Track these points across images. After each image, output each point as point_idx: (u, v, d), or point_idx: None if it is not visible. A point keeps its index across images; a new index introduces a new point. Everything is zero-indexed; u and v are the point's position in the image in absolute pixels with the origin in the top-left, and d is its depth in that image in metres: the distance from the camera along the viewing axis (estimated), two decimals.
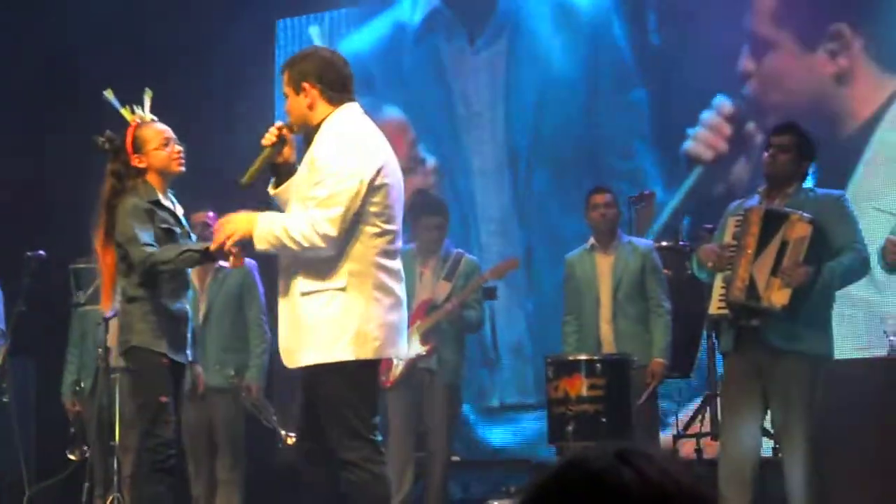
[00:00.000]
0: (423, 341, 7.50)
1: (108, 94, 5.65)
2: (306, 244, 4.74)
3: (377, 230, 4.83)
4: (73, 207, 8.59)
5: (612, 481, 1.41)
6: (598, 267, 7.37)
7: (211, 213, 7.75)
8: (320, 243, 4.72)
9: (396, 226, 4.92)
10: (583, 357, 6.94)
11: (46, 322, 8.18)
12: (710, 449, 7.30)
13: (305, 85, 4.90)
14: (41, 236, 8.13)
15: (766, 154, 6.15)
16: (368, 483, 4.82)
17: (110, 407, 7.39)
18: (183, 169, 5.54)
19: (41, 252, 7.83)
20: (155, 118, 5.66)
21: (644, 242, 7.55)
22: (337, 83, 4.93)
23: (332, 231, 4.72)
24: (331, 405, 4.84)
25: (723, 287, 5.97)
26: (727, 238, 6.05)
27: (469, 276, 7.66)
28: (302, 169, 4.92)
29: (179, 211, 5.66)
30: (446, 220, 7.74)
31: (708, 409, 7.55)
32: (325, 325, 4.78)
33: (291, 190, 4.96)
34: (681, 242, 7.99)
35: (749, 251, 5.93)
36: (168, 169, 5.56)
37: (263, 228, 4.83)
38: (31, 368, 8.66)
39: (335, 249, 4.76)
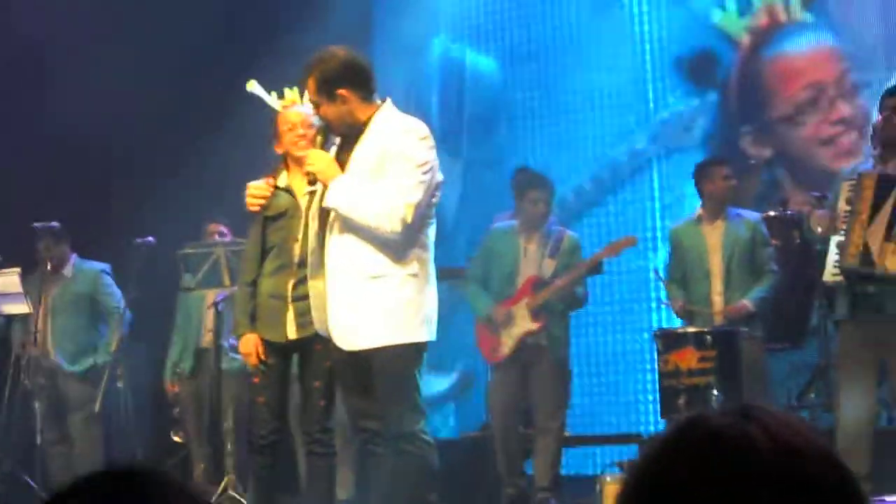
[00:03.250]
0: (534, 318, 7.46)
1: (251, 86, 5.72)
2: (383, 224, 4.86)
3: (431, 220, 5.06)
4: (182, 192, 8.77)
5: (738, 437, 1.35)
6: (707, 238, 7.28)
7: (223, 228, 7.84)
8: (396, 227, 4.86)
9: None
10: (692, 330, 6.88)
11: (157, 307, 8.29)
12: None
13: (341, 92, 4.99)
14: (150, 222, 8.23)
15: (879, 117, 6.01)
16: (427, 452, 5.03)
17: (214, 389, 7.48)
18: (301, 153, 5.46)
19: (150, 238, 7.94)
20: (298, 102, 5.67)
21: (753, 214, 7.46)
22: (367, 81, 5.07)
23: (409, 218, 4.87)
24: (398, 382, 4.99)
25: (837, 253, 5.85)
26: (841, 203, 5.92)
27: (573, 253, 7.61)
28: (365, 163, 4.96)
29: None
30: (551, 195, 7.69)
31: (821, 379, 7.43)
32: (400, 308, 4.94)
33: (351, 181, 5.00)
34: (788, 212, 7.87)
35: (863, 216, 5.79)
36: (291, 154, 5.61)
37: (343, 188, 4.92)
38: (143, 353, 8.77)
39: (403, 236, 4.89)
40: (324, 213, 5.04)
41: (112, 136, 9.07)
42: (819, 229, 5.98)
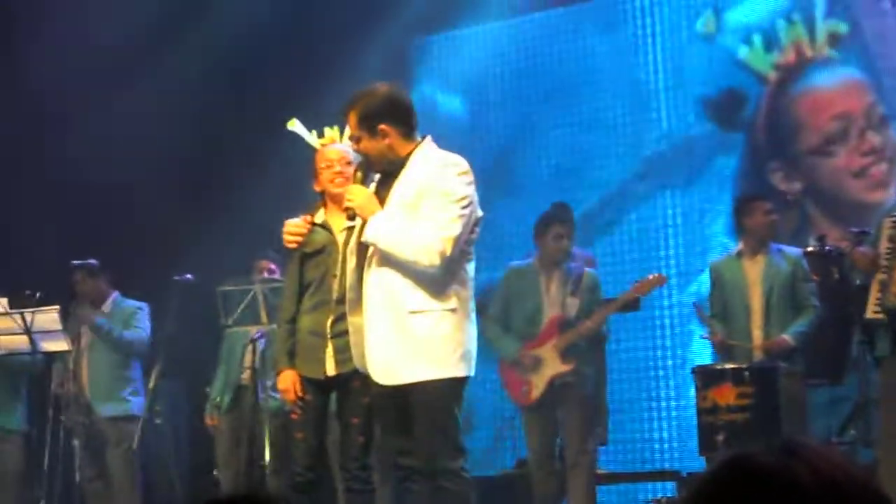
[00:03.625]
0: (563, 359, 7.43)
1: (292, 125, 5.77)
2: (422, 258, 4.85)
3: (470, 256, 5.06)
4: (220, 230, 8.83)
5: (781, 474, 1.35)
6: (747, 273, 7.25)
7: (272, 265, 7.87)
8: (436, 261, 4.85)
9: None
10: (730, 366, 6.85)
11: (195, 344, 8.32)
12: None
13: (382, 127, 4.99)
14: (188, 259, 8.29)
15: None
16: (465, 491, 5.01)
17: (251, 426, 7.48)
18: (338, 190, 5.49)
19: (188, 276, 7.99)
20: (337, 140, 5.71)
21: (794, 250, 7.42)
22: (408, 117, 5.07)
23: (448, 252, 4.86)
24: (437, 418, 4.96)
25: (879, 291, 5.83)
26: (883, 241, 5.90)
27: (593, 291, 7.57)
28: (403, 197, 4.97)
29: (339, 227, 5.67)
30: (573, 229, 7.68)
31: (860, 416, 7.38)
32: (439, 343, 4.92)
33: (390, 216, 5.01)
34: (827, 248, 7.84)
35: None
36: (329, 191, 5.63)
37: (382, 223, 4.92)
38: (182, 390, 8.81)
39: (442, 270, 4.89)
40: (362, 249, 5.04)
41: (155, 174, 9.16)
42: (860, 267, 5.96)
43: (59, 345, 7.73)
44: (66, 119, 9.26)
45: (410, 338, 4.91)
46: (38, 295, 7.74)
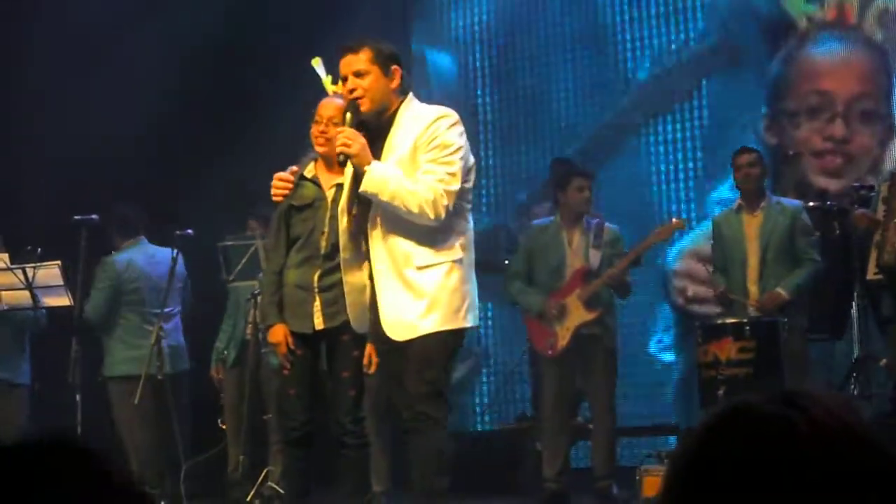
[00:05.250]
0: (588, 308, 7.48)
1: (316, 63, 5.75)
2: (427, 211, 4.87)
3: (469, 206, 5.11)
4: (221, 186, 8.82)
5: (780, 424, 1.35)
6: (745, 227, 7.26)
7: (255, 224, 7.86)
8: (441, 213, 4.89)
9: None
10: (731, 320, 6.86)
11: (196, 298, 8.33)
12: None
13: (395, 68, 5.04)
14: (190, 214, 8.29)
15: None
16: (444, 440, 5.05)
17: (256, 381, 7.50)
18: (320, 149, 5.49)
19: (189, 231, 7.98)
20: (336, 91, 5.62)
21: (793, 202, 7.42)
22: (407, 73, 5.16)
23: (451, 204, 4.91)
24: (430, 366, 4.99)
25: (876, 253, 5.87)
26: (881, 205, 5.95)
27: (615, 244, 7.62)
28: (398, 152, 4.97)
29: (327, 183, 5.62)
30: (592, 179, 7.74)
31: (861, 371, 7.40)
32: (449, 294, 4.98)
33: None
34: (829, 203, 7.84)
35: None
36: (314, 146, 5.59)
37: (381, 174, 4.90)
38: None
39: (442, 222, 4.91)
40: (363, 208, 5.03)
41: (154, 130, 9.14)
42: (860, 227, 6.00)
43: (61, 300, 7.74)
44: (68, 70, 9.25)
45: (422, 293, 4.95)
46: (39, 250, 7.74)
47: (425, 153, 4.93)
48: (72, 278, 7.75)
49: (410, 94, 5.11)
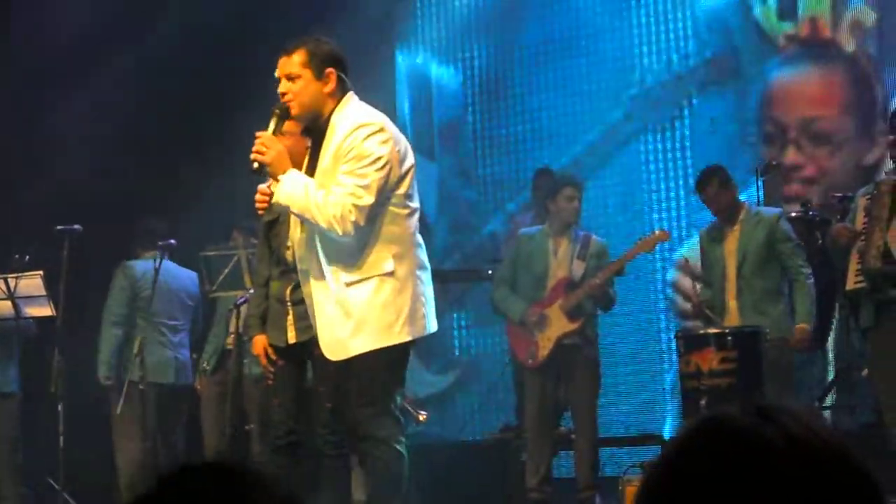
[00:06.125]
0: (570, 319, 7.48)
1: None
2: (335, 226, 4.68)
3: (408, 210, 4.87)
4: (203, 195, 8.80)
5: (756, 438, 1.35)
6: (725, 242, 7.26)
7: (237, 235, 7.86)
8: (348, 229, 4.69)
9: (418, 203, 4.96)
10: (713, 330, 6.86)
11: None
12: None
13: (329, 71, 4.84)
14: (172, 224, 8.28)
15: (890, 137, 6.18)
16: (394, 459, 4.89)
17: (237, 391, 7.49)
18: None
19: (171, 241, 7.97)
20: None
21: (771, 211, 7.35)
22: (346, 74, 4.92)
23: (361, 220, 4.70)
24: (369, 385, 4.85)
25: (858, 262, 5.93)
26: (859, 216, 6.02)
27: (600, 257, 7.62)
28: (324, 162, 4.83)
29: None
30: (582, 190, 7.71)
31: (843, 380, 7.43)
32: (379, 311, 4.79)
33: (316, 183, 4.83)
34: (811, 213, 7.84)
35: (882, 220, 5.87)
36: None
37: (295, 187, 4.73)
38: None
39: (355, 238, 4.73)
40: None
41: (139, 140, 9.13)
42: (842, 241, 6.06)
43: (43, 310, 7.72)
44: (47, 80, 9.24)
45: (350, 311, 4.79)
46: (27, 258, 7.73)
47: (343, 163, 4.74)
48: (54, 288, 7.75)
49: (348, 96, 4.87)
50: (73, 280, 7.79)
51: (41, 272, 7.67)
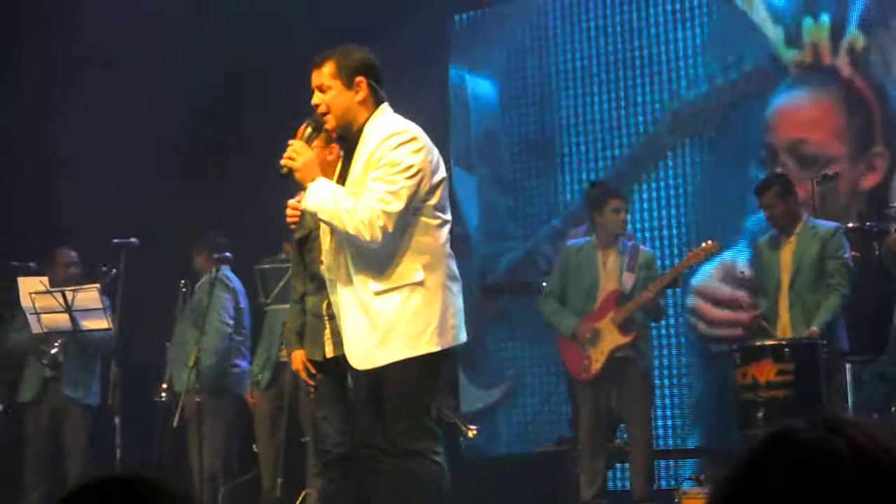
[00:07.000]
0: (623, 332, 7.46)
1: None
2: (363, 233, 4.65)
3: (439, 221, 4.82)
4: (258, 209, 8.84)
5: (824, 452, 1.34)
6: (781, 254, 7.23)
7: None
8: (377, 236, 4.65)
9: (450, 216, 4.92)
10: (770, 342, 6.82)
11: None
12: None
13: (360, 79, 4.84)
14: (229, 238, 8.33)
15: None
16: (433, 473, 4.83)
17: (293, 403, 7.51)
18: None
19: (227, 254, 8.02)
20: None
21: (827, 225, 7.29)
22: (380, 83, 4.90)
23: (390, 226, 4.66)
24: (403, 397, 4.80)
25: None
26: None
27: (649, 267, 7.61)
28: (355, 171, 4.82)
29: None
30: (627, 202, 7.76)
31: None
32: (408, 320, 4.74)
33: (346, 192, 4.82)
34: (867, 223, 7.79)
35: None
36: None
37: (323, 193, 4.73)
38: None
39: (384, 245, 4.69)
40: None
41: (190, 153, 9.19)
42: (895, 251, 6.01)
43: (100, 323, 7.79)
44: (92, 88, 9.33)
45: (379, 320, 4.75)
46: (113, 271, 7.80)
47: (374, 170, 4.73)
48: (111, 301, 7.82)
49: (382, 107, 4.86)
50: (129, 293, 7.87)
51: (97, 285, 7.75)
